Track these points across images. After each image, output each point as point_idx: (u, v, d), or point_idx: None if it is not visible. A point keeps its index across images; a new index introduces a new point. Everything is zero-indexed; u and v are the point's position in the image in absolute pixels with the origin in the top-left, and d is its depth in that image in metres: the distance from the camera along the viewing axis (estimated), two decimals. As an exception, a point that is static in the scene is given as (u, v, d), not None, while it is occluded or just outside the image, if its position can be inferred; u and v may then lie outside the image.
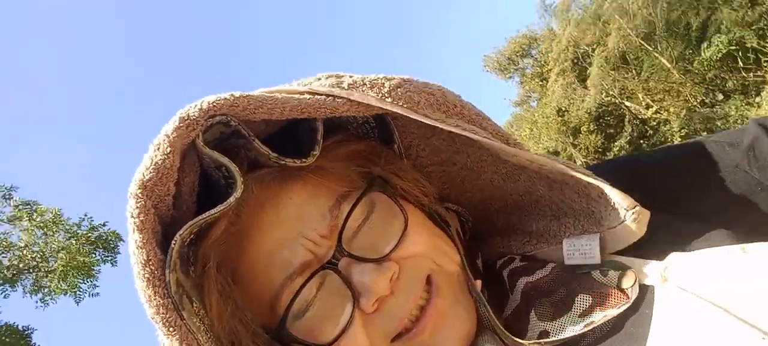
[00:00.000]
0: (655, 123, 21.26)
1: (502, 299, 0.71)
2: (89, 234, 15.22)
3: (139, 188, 0.57)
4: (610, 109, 22.09)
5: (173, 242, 0.56)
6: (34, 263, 14.63)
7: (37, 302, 14.72)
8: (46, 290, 14.70)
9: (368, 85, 0.65)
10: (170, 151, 0.57)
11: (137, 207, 0.56)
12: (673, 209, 0.71)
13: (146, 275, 0.55)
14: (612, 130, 22.05)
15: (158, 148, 0.57)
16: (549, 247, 0.71)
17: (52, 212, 14.88)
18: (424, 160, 0.79)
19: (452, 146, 0.76)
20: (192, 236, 0.61)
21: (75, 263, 14.57)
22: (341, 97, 0.64)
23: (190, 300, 0.60)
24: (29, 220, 14.79)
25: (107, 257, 15.62)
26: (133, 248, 0.56)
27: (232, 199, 0.59)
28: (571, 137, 22.14)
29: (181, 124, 0.57)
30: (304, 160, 0.66)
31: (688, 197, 0.72)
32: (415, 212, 0.72)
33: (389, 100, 0.64)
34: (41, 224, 14.75)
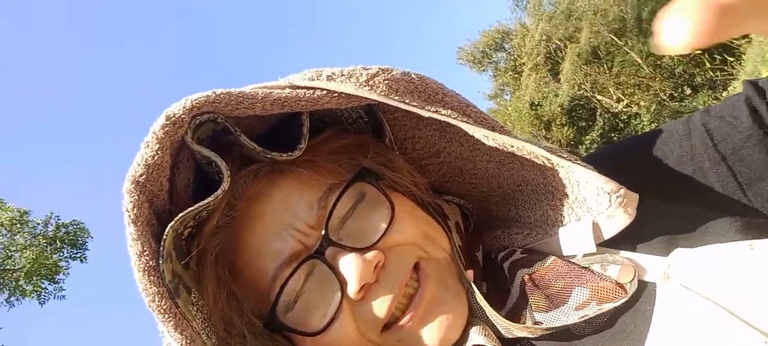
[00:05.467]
0: (625, 116, 21.58)
1: (504, 292, 0.72)
2: (55, 232, 14.89)
3: (132, 184, 0.60)
4: (582, 102, 22.36)
5: (165, 233, 0.59)
6: (-1, 258, 14.28)
7: (2, 302, 14.41)
8: (11, 288, 14.37)
9: (346, 76, 0.66)
10: (159, 148, 0.60)
11: (131, 202, 0.59)
12: (677, 194, 0.71)
13: (142, 266, 0.58)
14: (584, 124, 22.32)
15: (148, 146, 0.60)
16: (548, 237, 0.72)
17: (18, 212, 14.53)
18: (420, 152, 0.80)
19: (445, 136, 0.77)
20: (189, 229, 0.64)
21: (41, 261, 14.28)
22: (320, 89, 0.65)
23: (187, 290, 0.62)
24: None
25: (75, 253, 15.33)
26: (129, 241, 0.59)
27: (219, 191, 0.62)
28: (543, 130, 22.33)
29: (168, 122, 0.60)
30: (290, 153, 0.68)
31: (694, 179, 0.72)
32: (405, 201, 0.73)
33: (367, 88, 0.65)
34: (6, 222, 14.39)
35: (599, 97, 22.26)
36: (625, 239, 0.67)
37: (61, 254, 14.99)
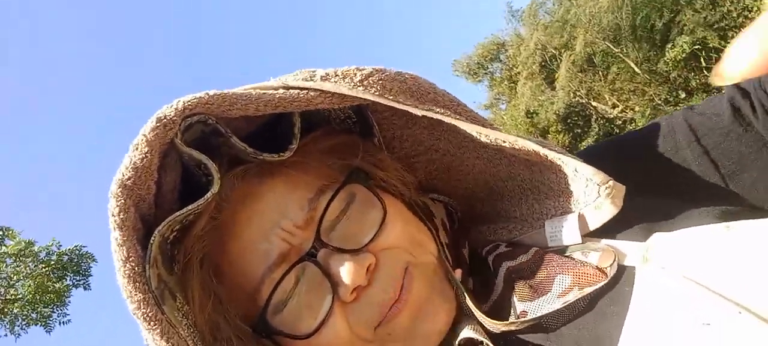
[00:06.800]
0: (621, 122, 21.65)
1: (489, 286, 0.72)
2: (58, 260, 14.70)
3: (119, 188, 0.58)
4: (577, 109, 22.42)
5: (152, 238, 0.58)
6: (1, 289, 14.14)
7: (6, 333, 14.24)
8: (13, 316, 14.21)
9: (340, 76, 0.66)
10: (148, 150, 0.58)
11: (117, 206, 0.57)
12: (661, 188, 0.72)
13: (127, 272, 0.56)
14: (579, 130, 22.38)
15: (137, 149, 0.58)
16: (533, 231, 0.73)
17: (23, 242, 14.35)
18: (407, 150, 0.80)
19: (433, 134, 0.77)
20: (175, 233, 0.62)
21: (44, 289, 14.11)
22: (314, 90, 0.65)
23: (172, 296, 0.61)
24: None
25: (79, 281, 15.13)
26: (114, 246, 0.57)
27: (209, 194, 0.61)
28: (539, 138, 22.30)
29: (158, 124, 0.59)
30: (281, 154, 0.67)
31: (678, 172, 0.73)
32: (395, 202, 0.73)
33: (361, 88, 0.65)
34: (12, 252, 14.23)
35: (594, 104, 22.33)
36: (607, 230, 0.68)
37: (64, 282, 14.72)
